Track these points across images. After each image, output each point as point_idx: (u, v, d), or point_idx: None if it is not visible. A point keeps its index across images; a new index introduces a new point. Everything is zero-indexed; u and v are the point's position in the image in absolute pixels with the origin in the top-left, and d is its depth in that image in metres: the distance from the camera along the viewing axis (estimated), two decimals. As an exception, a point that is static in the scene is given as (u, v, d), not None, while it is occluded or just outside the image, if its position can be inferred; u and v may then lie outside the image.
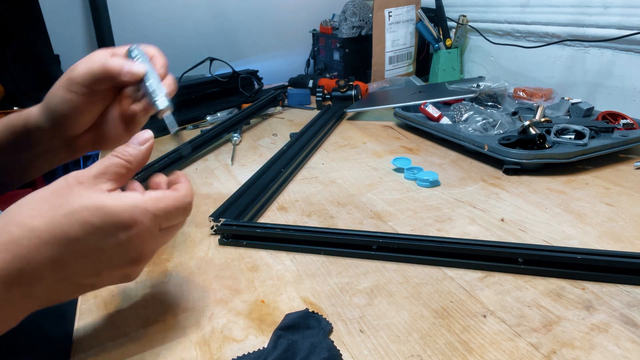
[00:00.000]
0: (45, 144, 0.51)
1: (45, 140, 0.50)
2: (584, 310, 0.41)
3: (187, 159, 0.77)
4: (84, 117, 0.48)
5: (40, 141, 0.50)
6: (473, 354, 0.37)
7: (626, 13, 0.87)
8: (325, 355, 0.36)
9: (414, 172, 0.70)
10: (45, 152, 0.51)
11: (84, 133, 0.50)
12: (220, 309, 0.43)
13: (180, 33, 1.39)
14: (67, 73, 0.46)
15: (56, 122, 0.48)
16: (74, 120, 0.48)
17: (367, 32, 1.26)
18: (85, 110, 0.47)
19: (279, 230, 0.53)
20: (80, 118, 0.48)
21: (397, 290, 0.45)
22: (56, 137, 0.50)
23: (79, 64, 0.46)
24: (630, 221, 0.56)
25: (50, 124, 0.48)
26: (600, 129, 0.75)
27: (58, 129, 0.49)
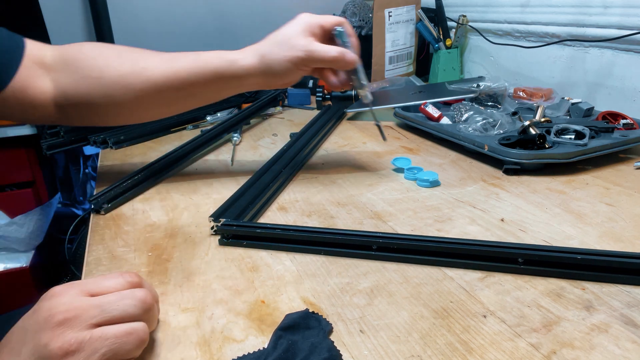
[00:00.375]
0: (247, 84, 0.63)
1: (248, 81, 0.62)
2: (584, 311, 0.41)
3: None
4: (293, 78, 0.62)
5: (244, 81, 0.62)
6: (473, 354, 0.37)
7: (626, 13, 0.87)
8: (325, 355, 0.36)
9: (414, 172, 0.70)
10: (241, 88, 0.64)
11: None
12: (221, 309, 0.43)
13: (180, 33, 1.39)
14: (300, 49, 0.59)
15: (268, 74, 0.61)
16: (284, 79, 0.62)
17: (367, 32, 1.26)
18: (297, 75, 0.62)
19: (279, 230, 0.53)
20: (293, 79, 0.62)
21: (397, 290, 0.45)
22: (259, 81, 0.62)
23: (315, 51, 0.59)
24: (630, 221, 0.56)
25: (261, 73, 0.61)
26: (600, 129, 0.75)
27: (266, 78, 0.62)
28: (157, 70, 0.61)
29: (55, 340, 0.32)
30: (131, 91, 0.61)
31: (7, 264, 1.19)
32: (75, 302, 0.34)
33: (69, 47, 0.63)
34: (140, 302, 0.36)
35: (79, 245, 1.30)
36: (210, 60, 0.61)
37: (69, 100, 0.62)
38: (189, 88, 0.62)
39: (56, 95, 0.62)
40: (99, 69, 0.61)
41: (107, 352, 0.33)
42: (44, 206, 1.22)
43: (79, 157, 1.50)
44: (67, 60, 0.62)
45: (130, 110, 0.64)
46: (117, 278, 0.37)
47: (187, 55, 0.62)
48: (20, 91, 0.59)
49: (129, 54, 0.63)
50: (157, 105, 0.64)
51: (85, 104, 0.62)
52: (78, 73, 0.61)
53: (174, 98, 0.63)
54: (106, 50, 0.63)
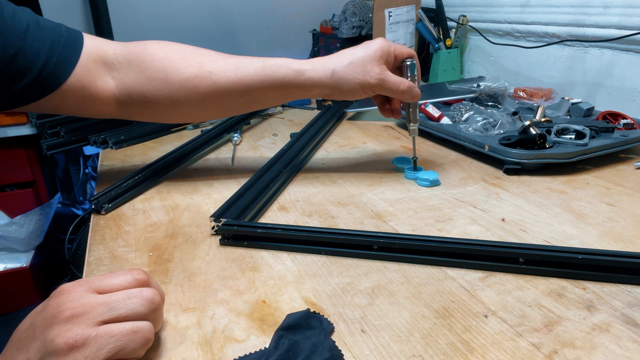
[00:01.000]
0: (311, 94, 0.65)
1: (313, 92, 0.64)
2: (585, 310, 0.41)
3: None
4: (357, 97, 0.64)
5: (309, 92, 0.64)
6: (474, 354, 0.37)
7: (626, 13, 0.87)
8: (326, 355, 0.36)
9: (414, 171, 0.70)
10: (304, 95, 0.65)
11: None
12: (222, 309, 0.43)
13: (180, 33, 1.38)
14: (374, 77, 0.61)
15: (335, 89, 0.63)
16: (349, 97, 0.64)
17: (367, 32, 1.26)
18: (363, 96, 0.64)
19: (280, 230, 0.53)
20: (353, 97, 0.64)
21: (398, 290, 0.45)
22: (325, 93, 0.64)
23: (387, 80, 0.62)
24: (631, 221, 0.56)
25: (328, 87, 0.63)
26: (600, 129, 0.76)
27: (332, 91, 0.64)
28: (224, 75, 0.62)
29: (61, 336, 0.32)
30: (195, 94, 0.62)
31: (7, 264, 1.19)
32: (83, 300, 0.34)
33: (134, 46, 0.63)
34: (148, 301, 0.36)
35: (79, 245, 1.30)
36: (277, 69, 0.62)
37: (133, 99, 0.62)
38: (253, 94, 0.63)
39: (119, 93, 0.62)
40: (165, 71, 0.61)
41: (112, 349, 0.33)
42: (44, 206, 1.22)
43: (79, 157, 1.50)
44: (131, 60, 0.62)
45: (192, 111, 0.65)
46: (125, 275, 0.38)
47: (254, 61, 0.63)
48: (80, 89, 0.60)
49: (194, 56, 0.64)
50: (219, 108, 0.65)
51: (149, 103, 0.63)
52: (144, 74, 0.61)
53: (237, 102, 0.64)
54: (172, 52, 0.63)
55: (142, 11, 1.33)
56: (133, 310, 0.35)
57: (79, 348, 0.32)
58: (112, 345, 0.33)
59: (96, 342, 0.33)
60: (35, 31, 0.56)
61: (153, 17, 1.35)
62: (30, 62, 0.56)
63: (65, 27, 0.60)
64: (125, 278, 0.37)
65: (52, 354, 0.32)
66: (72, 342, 0.32)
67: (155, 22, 1.35)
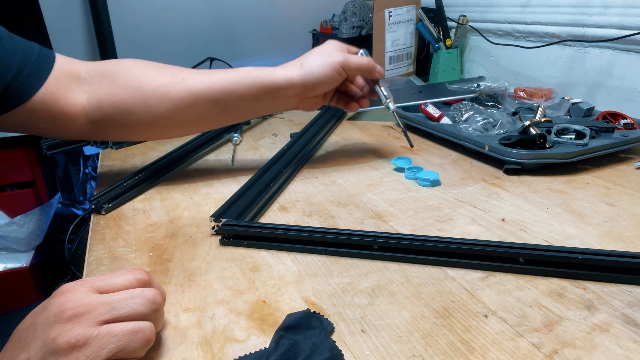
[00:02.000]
0: (285, 94, 0.66)
1: (287, 91, 0.65)
2: (585, 310, 0.41)
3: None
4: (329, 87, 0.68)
5: (283, 91, 0.65)
6: (475, 353, 0.37)
7: (626, 13, 0.87)
8: (327, 355, 0.36)
9: (414, 171, 0.70)
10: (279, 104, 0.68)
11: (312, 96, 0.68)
12: (222, 309, 0.43)
13: (180, 33, 1.38)
14: (338, 56, 0.66)
15: (307, 81, 0.65)
16: (323, 88, 0.67)
17: (367, 32, 1.26)
18: (334, 81, 0.67)
19: (280, 230, 0.53)
20: (327, 88, 0.68)
21: (398, 290, 0.45)
22: (298, 95, 0.67)
23: (350, 58, 0.67)
24: (631, 221, 0.56)
25: (301, 80, 0.65)
26: (600, 128, 0.76)
27: (307, 90, 0.66)
28: (196, 80, 0.63)
29: (63, 335, 0.32)
30: (169, 100, 0.62)
31: (7, 264, 1.19)
32: (85, 299, 0.34)
33: (107, 62, 0.65)
34: (149, 301, 0.36)
35: (79, 245, 1.30)
36: (249, 72, 0.64)
37: (105, 111, 0.62)
38: (226, 101, 0.64)
39: (90, 108, 0.62)
40: (138, 79, 0.62)
41: (113, 348, 0.33)
42: (44, 206, 1.22)
43: (79, 157, 1.50)
44: (104, 73, 0.63)
45: (165, 122, 0.64)
46: (126, 275, 0.38)
47: (227, 70, 0.65)
48: (49, 103, 0.59)
49: (168, 68, 0.65)
50: (193, 118, 0.65)
51: (121, 114, 0.62)
52: (117, 84, 0.62)
53: (210, 111, 0.65)
54: (146, 65, 0.65)
55: (142, 11, 1.33)
56: (134, 310, 0.35)
57: (81, 347, 0.32)
58: (113, 344, 0.33)
59: (97, 341, 0.33)
60: (7, 43, 0.57)
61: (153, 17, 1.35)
62: (1, 72, 0.56)
63: (37, 45, 0.61)
64: (126, 278, 0.37)
65: (54, 353, 0.32)
66: (74, 341, 0.32)
67: (155, 22, 1.35)
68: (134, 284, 0.37)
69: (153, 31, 1.36)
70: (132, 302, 0.35)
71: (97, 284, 0.36)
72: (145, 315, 0.36)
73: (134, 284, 0.37)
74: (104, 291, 0.36)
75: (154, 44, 1.37)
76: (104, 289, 0.36)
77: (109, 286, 0.37)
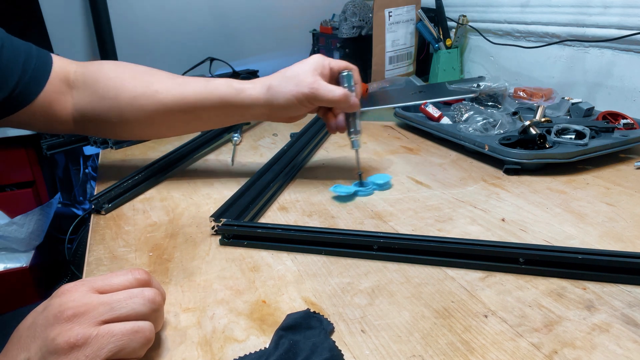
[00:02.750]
0: (252, 113, 0.65)
1: (253, 111, 0.64)
2: (585, 310, 0.41)
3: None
4: (297, 113, 0.64)
5: (249, 111, 0.64)
6: (474, 354, 0.37)
7: (626, 13, 0.87)
8: (326, 355, 0.36)
9: (365, 186, 0.66)
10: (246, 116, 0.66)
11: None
12: (222, 309, 0.43)
13: (180, 33, 1.38)
14: (307, 87, 0.60)
15: (273, 106, 0.62)
16: (288, 112, 0.63)
17: (367, 32, 1.26)
18: (301, 111, 0.63)
19: (280, 230, 0.53)
20: (295, 113, 0.64)
21: (398, 290, 0.45)
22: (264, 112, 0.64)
23: (320, 90, 0.60)
24: (631, 221, 0.56)
25: (266, 104, 0.62)
26: (600, 129, 0.76)
27: (270, 110, 0.63)
28: (169, 94, 0.63)
29: (62, 335, 0.32)
30: (142, 112, 0.64)
31: (7, 264, 1.18)
32: (85, 299, 0.34)
33: (91, 65, 0.66)
34: (149, 301, 0.36)
35: (79, 245, 1.30)
36: (218, 87, 0.63)
37: (86, 117, 0.65)
38: (196, 112, 0.64)
39: (75, 112, 0.65)
40: (115, 90, 0.63)
41: (113, 348, 0.33)
42: (44, 206, 1.22)
43: (79, 157, 1.50)
44: (87, 79, 0.64)
45: (141, 129, 0.67)
46: (126, 275, 0.38)
47: (198, 80, 0.65)
48: (47, 106, 0.63)
49: (143, 75, 0.65)
50: (166, 126, 0.67)
51: (100, 121, 0.65)
52: (97, 93, 0.64)
53: (182, 120, 0.66)
54: (124, 72, 0.66)
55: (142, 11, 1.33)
56: (134, 310, 0.35)
57: (80, 347, 0.32)
58: (113, 344, 0.33)
59: (97, 341, 0.33)
60: (9, 50, 0.59)
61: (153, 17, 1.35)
62: (5, 79, 0.58)
63: (35, 47, 0.63)
64: (126, 278, 0.38)
65: (53, 353, 0.32)
66: (73, 341, 0.32)
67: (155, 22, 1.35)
68: (134, 284, 0.37)
69: (153, 31, 1.35)
70: (131, 302, 0.35)
71: (97, 284, 0.36)
72: (145, 315, 0.36)
73: (134, 284, 0.37)
74: (104, 291, 0.36)
75: (154, 44, 1.37)
76: (104, 289, 0.36)
77: (108, 286, 0.37)
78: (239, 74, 1.20)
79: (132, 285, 0.37)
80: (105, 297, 0.35)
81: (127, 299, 0.35)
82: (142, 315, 0.36)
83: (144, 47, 1.36)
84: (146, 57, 1.36)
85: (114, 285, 0.37)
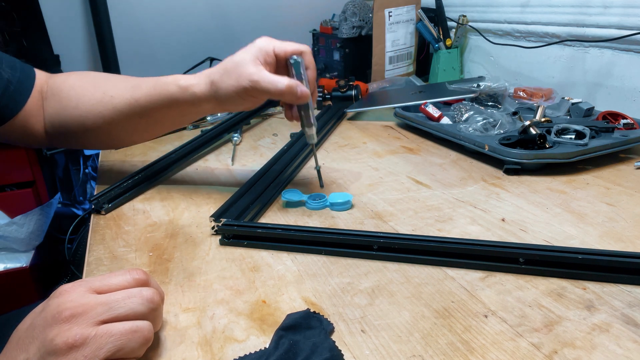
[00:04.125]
0: (202, 110, 0.62)
1: (203, 107, 0.61)
2: (585, 310, 0.41)
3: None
4: (247, 106, 0.59)
5: (198, 108, 0.61)
6: (474, 353, 0.37)
7: (626, 13, 0.87)
8: (326, 355, 0.36)
9: (317, 199, 0.62)
10: (198, 113, 0.63)
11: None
12: (222, 309, 0.43)
13: (180, 33, 1.38)
14: (247, 78, 0.55)
15: (219, 101, 0.58)
16: (236, 106, 0.59)
17: (367, 32, 1.26)
18: (249, 103, 0.58)
19: (280, 230, 0.53)
20: (241, 106, 0.59)
21: (398, 290, 0.45)
22: (214, 107, 0.60)
23: (260, 81, 0.54)
24: (631, 221, 0.56)
25: (213, 100, 0.59)
26: (600, 128, 0.76)
27: (218, 105, 0.59)
28: (122, 98, 0.63)
29: (61, 335, 0.32)
30: (101, 119, 0.63)
31: (7, 264, 1.18)
32: (83, 300, 0.34)
33: (59, 77, 0.67)
34: (147, 301, 0.36)
35: (79, 245, 1.30)
36: (166, 86, 0.60)
37: (54, 128, 0.66)
38: (151, 114, 0.63)
39: (46, 124, 0.66)
40: (76, 99, 0.64)
41: (111, 348, 0.33)
42: (44, 206, 1.22)
43: (79, 157, 1.50)
44: (54, 90, 0.65)
45: (103, 137, 0.67)
46: (124, 275, 0.38)
47: (149, 81, 0.62)
48: (28, 118, 0.64)
49: (103, 82, 0.65)
50: (127, 131, 0.66)
51: (66, 132, 0.65)
52: (60, 103, 0.64)
53: (140, 124, 0.65)
54: (87, 80, 0.66)
55: (142, 11, 1.33)
56: (132, 310, 0.35)
57: (79, 347, 0.32)
58: (111, 344, 0.33)
59: (95, 341, 0.33)
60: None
61: (153, 17, 1.35)
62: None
63: (18, 60, 0.64)
64: (124, 278, 0.38)
65: (52, 354, 0.32)
66: (72, 341, 0.32)
67: (155, 22, 1.35)
68: (132, 283, 0.37)
69: (153, 31, 1.36)
70: (129, 302, 0.35)
71: (95, 285, 0.36)
72: (143, 315, 0.36)
73: (132, 284, 0.37)
74: (102, 291, 0.36)
75: (154, 44, 1.37)
76: (102, 289, 0.36)
77: (106, 286, 0.37)
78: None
79: (130, 285, 0.37)
80: (103, 297, 0.35)
81: (126, 299, 0.35)
82: (141, 315, 0.36)
83: (144, 46, 1.36)
84: (146, 57, 1.36)
85: (112, 285, 0.37)
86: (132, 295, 0.36)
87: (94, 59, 1.32)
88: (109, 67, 1.29)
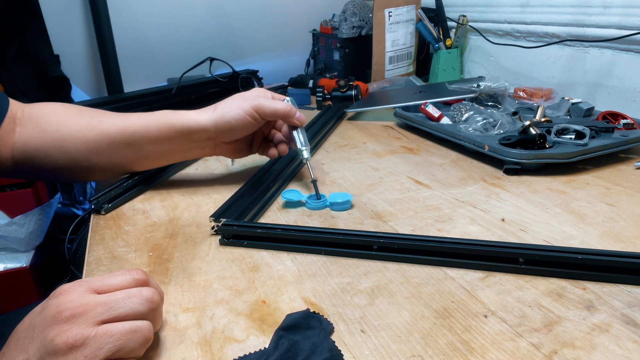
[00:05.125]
0: (200, 142, 0.64)
1: (201, 139, 0.64)
2: (585, 310, 0.41)
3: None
4: (245, 133, 0.65)
5: (197, 139, 0.64)
6: (474, 354, 0.37)
7: (626, 13, 0.87)
8: (326, 355, 0.36)
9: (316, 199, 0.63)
10: (193, 148, 0.65)
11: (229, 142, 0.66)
12: (221, 309, 0.43)
13: (180, 33, 1.38)
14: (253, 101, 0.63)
15: (219, 125, 0.62)
16: (238, 133, 0.64)
17: (367, 32, 1.26)
18: (248, 127, 0.63)
19: (280, 230, 0.53)
20: (242, 133, 0.64)
21: (398, 290, 0.45)
22: (211, 140, 0.65)
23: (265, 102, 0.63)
24: (631, 221, 0.56)
25: (214, 124, 0.62)
26: (600, 129, 0.76)
27: (220, 134, 0.64)
28: (113, 123, 0.63)
29: (61, 336, 0.32)
30: (84, 144, 0.62)
31: (7, 264, 1.18)
32: (83, 300, 0.34)
33: (37, 105, 0.65)
34: (147, 301, 0.36)
35: (79, 245, 1.30)
36: (163, 113, 0.63)
37: (26, 153, 0.62)
38: (138, 141, 0.62)
39: (14, 150, 0.62)
40: (57, 123, 0.63)
41: (111, 348, 0.33)
42: (44, 206, 1.22)
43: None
44: (32, 115, 0.63)
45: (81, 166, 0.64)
46: (124, 275, 0.38)
47: (142, 113, 0.64)
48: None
49: (90, 112, 0.65)
50: (108, 161, 0.64)
51: (39, 157, 0.62)
52: (38, 127, 0.62)
53: (124, 155, 0.64)
54: (70, 108, 0.65)
55: (142, 11, 1.33)
56: (132, 310, 0.35)
57: (79, 348, 0.32)
58: (111, 344, 0.33)
59: (95, 341, 0.33)
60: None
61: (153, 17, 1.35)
62: None
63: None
64: (124, 278, 0.38)
65: (52, 354, 0.32)
66: (72, 341, 0.32)
67: (155, 22, 1.35)
68: (132, 283, 0.37)
69: (153, 31, 1.35)
70: (129, 302, 0.35)
71: (95, 285, 0.36)
72: (143, 315, 0.36)
73: (132, 284, 0.37)
74: (102, 291, 0.36)
75: (154, 45, 1.37)
76: (102, 289, 0.36)
77: (106, 286, 0.37)
78: (239, 74, 1.20)
79: (130, 285, 0.37)
80: (103, 297, 0.35)
81: (125, 299, 0.36)
82: (141, 315, 0.36)
83: (144, 46, 1.36)
84: (146, 57, 1.36)
85: (111, 285, 0.37)
86: (132, 295, 0.36)
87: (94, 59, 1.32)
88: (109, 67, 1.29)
